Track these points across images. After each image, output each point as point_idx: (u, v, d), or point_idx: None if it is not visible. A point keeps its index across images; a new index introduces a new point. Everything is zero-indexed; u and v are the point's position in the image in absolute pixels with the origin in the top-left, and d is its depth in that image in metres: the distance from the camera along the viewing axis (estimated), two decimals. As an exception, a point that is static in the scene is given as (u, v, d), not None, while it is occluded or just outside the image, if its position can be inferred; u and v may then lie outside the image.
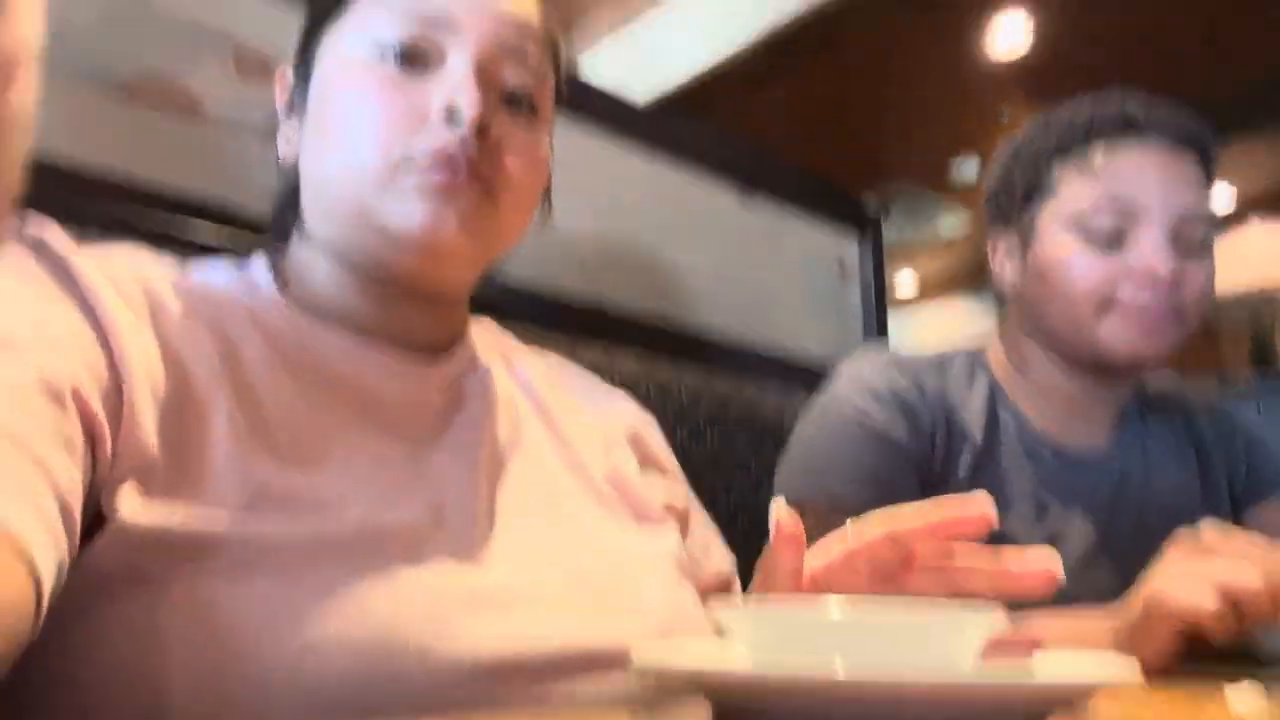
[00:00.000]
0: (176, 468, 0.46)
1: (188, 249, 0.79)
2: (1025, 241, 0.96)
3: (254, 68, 0.91)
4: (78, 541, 0.41)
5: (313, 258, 0.60)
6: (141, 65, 0.85)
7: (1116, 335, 0.89)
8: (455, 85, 0.54)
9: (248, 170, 0.88)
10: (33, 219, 0.49)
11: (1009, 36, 3.37)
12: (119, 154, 0.82)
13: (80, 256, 0.48)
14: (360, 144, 0.54)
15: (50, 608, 0.38)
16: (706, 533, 0.73)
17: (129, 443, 0.45)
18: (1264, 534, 0.71)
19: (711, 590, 0.69)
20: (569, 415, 0.67)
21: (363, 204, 0.54)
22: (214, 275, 0.58)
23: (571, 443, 0.64)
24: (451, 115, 0.53)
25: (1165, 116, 0.91)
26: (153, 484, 0.45)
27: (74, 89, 0.81)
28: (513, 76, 0.58)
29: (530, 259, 1.13)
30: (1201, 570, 0.63)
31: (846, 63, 3.32)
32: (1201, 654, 0.65)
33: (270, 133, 0.63)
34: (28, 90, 0.14)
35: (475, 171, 0.54)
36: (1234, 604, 0.61)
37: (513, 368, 0.68)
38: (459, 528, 0.52)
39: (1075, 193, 0.91)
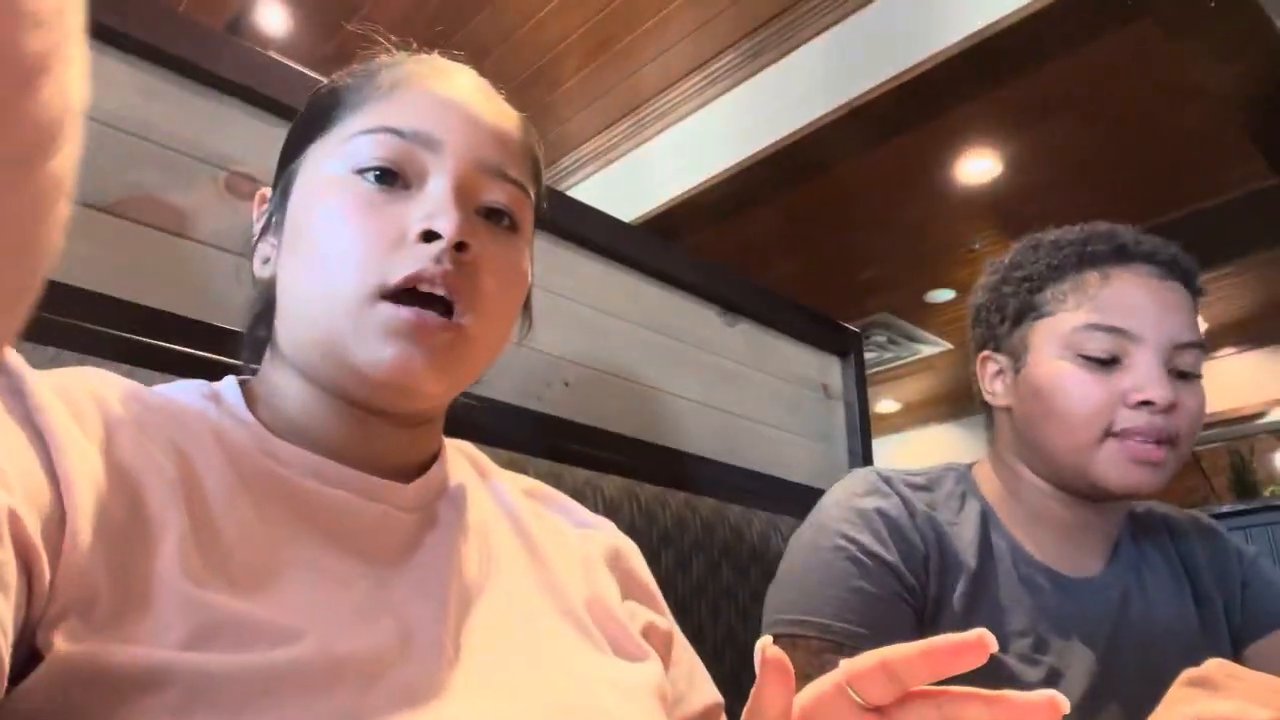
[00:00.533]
0: (120, 596, 0.43)
1: (170, 367, 0.77)
2: (1017, 362, 0.96)
3: (245, 187, 0.93)
4: (4, 681, 0.38)
5: (283, 378, 0.58)
6: (130, 182, 0.86)
7: (1114, 464, 0.88)
8: (434, 206, 0.54)
9: (235, 291, 0.88)
10: None
11: (977, 166, 3.52)
12: (101, 270, 0.82)
13: (33, 375, 0.46)
14: (336, 266, 0.53)
15: None
16: (692, 661, 0.69)
17: (69, 575, 0.42)
18: (1267, 669, 0.69)
19: None
20: (548, 538, 0.64)
21: (333, 337, 0.53)
22: (181, 393, 0.57)
23: (550, 566, 0.61)
24: (429, 237, 0.53)
25: (1156, 246, 0.93)
26: (94, 616, 0.42)
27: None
28: (492, 193, 0.58)
29: (514, 379, 1.12)
30: (1210, 709, 0.60)
31: (823, 190, 3.44)
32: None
33: (251, 252, 0.63)
34: (73, 155, 0.13)
35: (452, 291, 0.53)
36: (1247, 743, 0.58)
37: (490, 488, 0.66)
38: (425, 657, 0.49)
39: (1069, 316, 0.91)
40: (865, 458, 1.58)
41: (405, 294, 0.53)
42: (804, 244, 3.99)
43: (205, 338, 0.84)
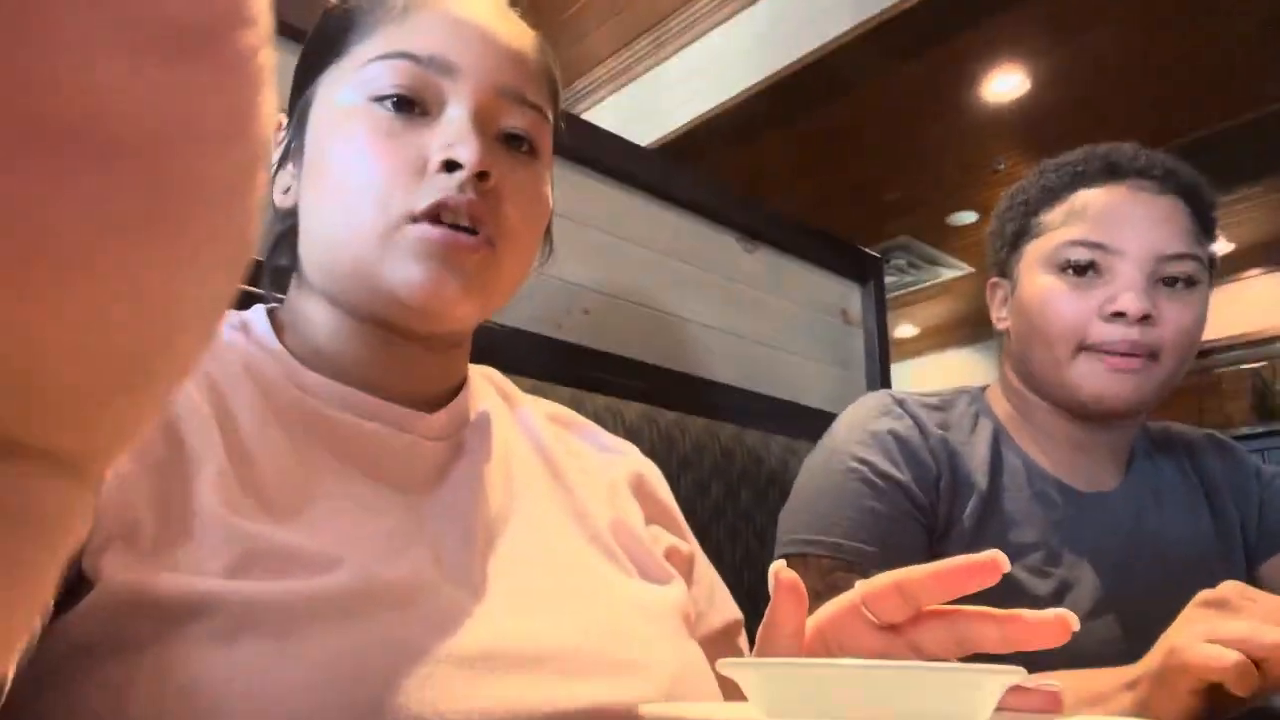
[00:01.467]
0: (163, 526, 0.44)
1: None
2: (1013, 286, 0.96)
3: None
4: (50, 610, 0.39)
5: (311, 306, 0.59)
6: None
7: (1085, 376, 0.88)
8: (454, 135, 0.53)
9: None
10: None
11: (1005, 83, 3.42)
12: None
13: None
14: (359, 199, 0.53)
15: (20, 676, 0.36)
16: (713, 580, 0.71)
17: (113, 504, 0.43)
18: (1281, 588, 0.70)
19: (720, 639, 0.67)
20: (573, 463, 0.65)
21: (362, 262, 0.54)
22: None
23: (575, 491, 0.63)
24: (451, 166, 0.53)
25: (1153, 161, 0.91)
26: (138, 545, 0.43)
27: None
28: (512, 118, 0.57)
29: (534, 307, 1.12)
30: (1223, 627, 0.61)
31: (844, 111, 3.37)
32: (1223, 714, 0.63)
33: (270, 181, 0.63)
34: (263, 188, 0.13)
35: (476, 220, 0.53)
36: (1257, 662, 0.59)
37: (516, 414, 0.67)
38: (457, 582, 0.50)
39: (1057, 233, 0.91)
40: (884, 383, 1.58)
41: (432, 218, 0.53)
42: (824, 166, 3.91)
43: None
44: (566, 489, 0.62)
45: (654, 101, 3.52)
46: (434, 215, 0.52)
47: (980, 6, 2.67)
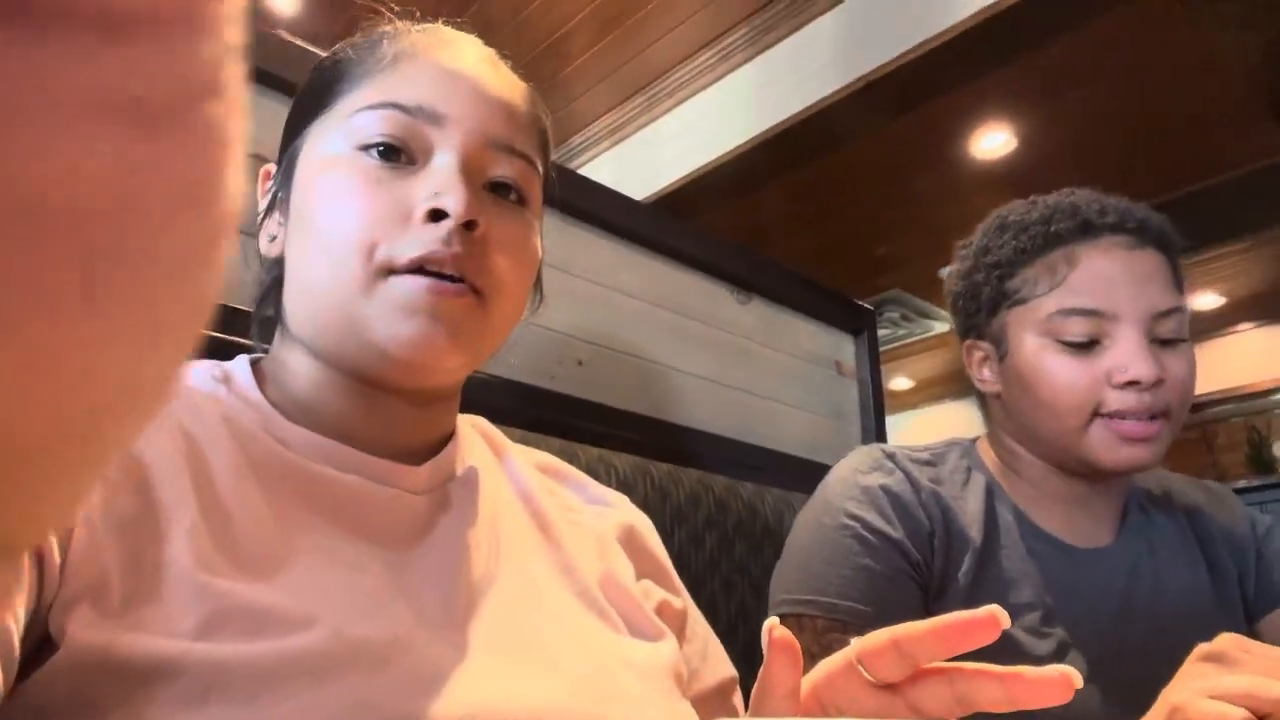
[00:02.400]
0: (132, 584, 0.43)
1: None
2: (1000, 349, 0.95)
3: (254, 167, 0.92)
4: (14, 672, 0.38)
5: (293, 357, 0.58)
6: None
7: (1106, 445, 0.87)
8: (441, 183, 0.53)
9: (244, 270, 0.89)
10: None
11: (992, 140, 3.47)
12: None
13: None
14: (343, 247, 0.52)
15: None
16: (706, 636, 0.69)
17: (80, 562, 0.42)
18: (1281, 643, 0.68)
19: (714, 698, 0.65)
20: (562, 515, 0.64)
21: (347, 314, 0.53)
22: (191, 377, 0.56)
23: (563, 545, 0.61)
24: (437, 215, 0.52)
25: (1122, 214, 0.90)
26: (106, 604, 0.41)
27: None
28: (500, 167, 0.57)
29: (527, 357, 1.12)
30: (1225, 683, 0.60)
31: (835, 166, 3.42)
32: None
33: (256, 230, 0.62)
34: (223, 260, 0.13)
35: (462, 271, 0.52)
36: (1261, 717, 0.58)
37: (504, 464, 0.66)
38: (437, 641, 0.48)
39: (1043, 301, 0.90)
40: (879, 435, 1.58)
41: (416, 272, 0.52)
42: (816, 221, 3.96)
43: (216, 318, 0.84)
44: (554, 543, 0.61)
45: (648, 157, 3.57)
46: (418, 269, 0.52)
47: (960, 69, 2.73)
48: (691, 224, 1.54)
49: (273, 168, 0.62)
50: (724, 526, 1.12)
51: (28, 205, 0.09)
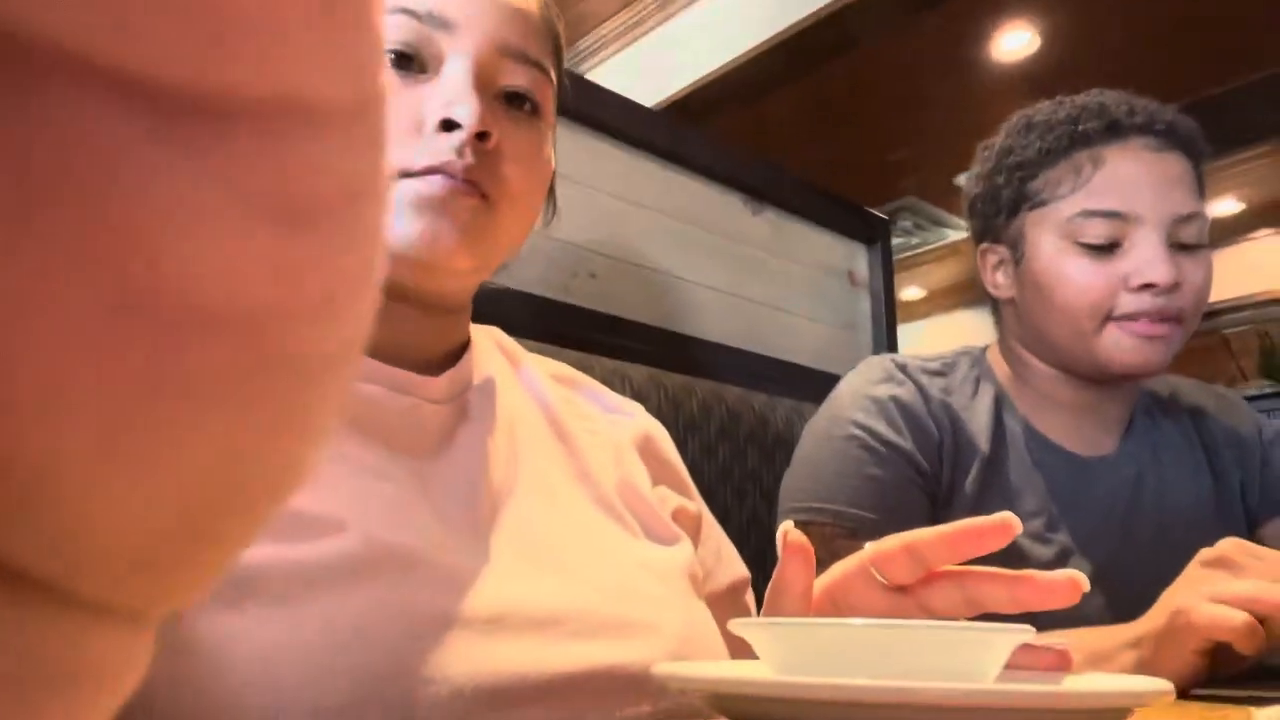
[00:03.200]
0: None
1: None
2: (1016, 253, 0.94)
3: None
4: None
5: None
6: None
7: (1118, 346, 0.87)
8: (453, 94, 0.52)
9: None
10: None
11: (1014, 40, 3.37)
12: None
13: None
14: None
15: None
16: (719, 539, 0.71)
17: None
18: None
19: (727, 598, 0.67)
20: (579, 424, 0.65)
21: None
22: None
23: (581, 453, 0.62)
24: (449, 126, 0.52)
25: (1148, 117, 0.89)
26: None
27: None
28: (513, 76, 0.55)
29: (541, 270, 1.12)
30: (1228, 587, 0.62)
31: (852, 68, 3.32)
32: (1226, 672, 0.64)
33: None
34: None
35: (474, 181, 0.52)
36: (1261, 619, 0.60)
37: (520, 374, 0.67)
38: (463, 546, 0.50)
39: (1064, 203, 0.89)
40: (890, 345, 1.58)
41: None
42: (831, 126, 3.87)
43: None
44: (572, 451, 0.62)
45: (660, 60, 3.48)
46: (429, 176, 0.51)
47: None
48: (704, 133, 1.51)
49: None
50: (736, 436, 1.14)
51: (177, 300, 0.09)
